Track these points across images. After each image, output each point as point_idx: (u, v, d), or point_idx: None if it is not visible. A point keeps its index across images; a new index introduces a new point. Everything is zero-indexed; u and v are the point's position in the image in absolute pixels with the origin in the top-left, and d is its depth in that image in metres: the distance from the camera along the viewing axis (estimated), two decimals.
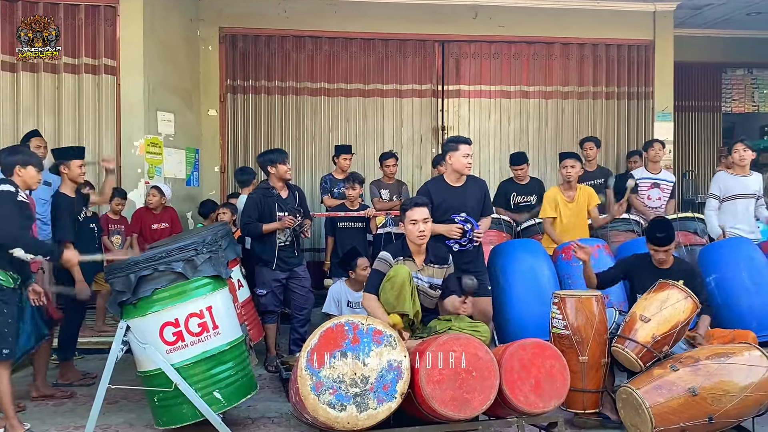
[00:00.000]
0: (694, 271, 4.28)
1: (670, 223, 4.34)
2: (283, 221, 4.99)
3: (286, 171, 5.12)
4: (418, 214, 3.93)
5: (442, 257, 4.08)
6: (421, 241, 3.93)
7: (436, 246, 4.15)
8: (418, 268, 3.95)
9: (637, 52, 7.95)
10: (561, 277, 5.17)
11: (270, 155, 5.23)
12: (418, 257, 4.00)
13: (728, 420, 3.67)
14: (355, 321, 3.09)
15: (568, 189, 5.57)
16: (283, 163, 5.10)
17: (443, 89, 7.82)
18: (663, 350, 3.83)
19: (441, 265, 4.06)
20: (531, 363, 3.23)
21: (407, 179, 7.62)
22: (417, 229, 3.91)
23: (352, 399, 2.99)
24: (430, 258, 4.03)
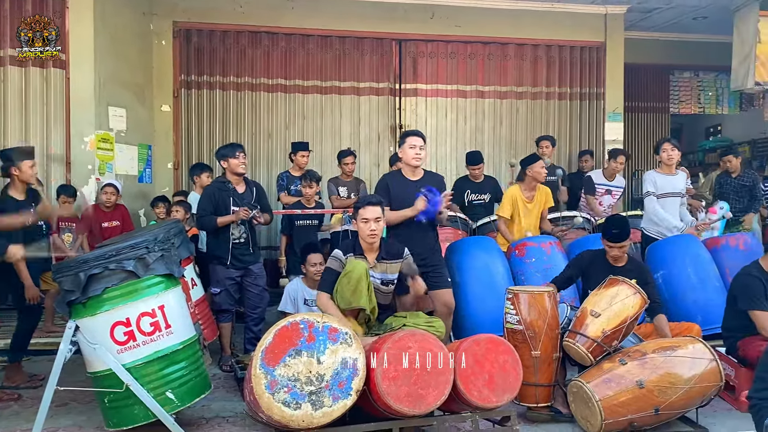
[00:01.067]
0: (646, 274, 4.40)
1: (626, 220, 4.46)
2: (237, 213, 4.92)
3: (237, 165, 5.03)
4: (370, 213, 3.94)
5: (395, 253, 4.09)
6: (372, 239, 3.94)
7: (389, 243, 4.18)
8: (370, 265, 3.96)
9: (589, 53, 8.13)
10: (515, 273, 5.27)
11: (222, 150, 5.17)
12: (370, 254, 4.01)
13: (673, 411, 3.80)
14: (311, 319, 3.08)
15: (528, 189, 5.64)
16: (234, 157, 5.02)
17: (400, 88, 7.85)
18: (612, 344, 3.94)
19: (395, 260, 4.07)
20: (485, 358, 3.27)
21: (365, 177, 7.62)
22: (368, 227, 3.93)
23: (307, 397, 2.99)
24: (382, 254, 4.04)
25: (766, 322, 3.98)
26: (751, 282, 4.14)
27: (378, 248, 4.04)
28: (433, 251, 4.65)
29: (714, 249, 5.33)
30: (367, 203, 4.02)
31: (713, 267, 5.14)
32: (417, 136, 4.59)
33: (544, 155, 6.92)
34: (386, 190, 4.59)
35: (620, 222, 4.42)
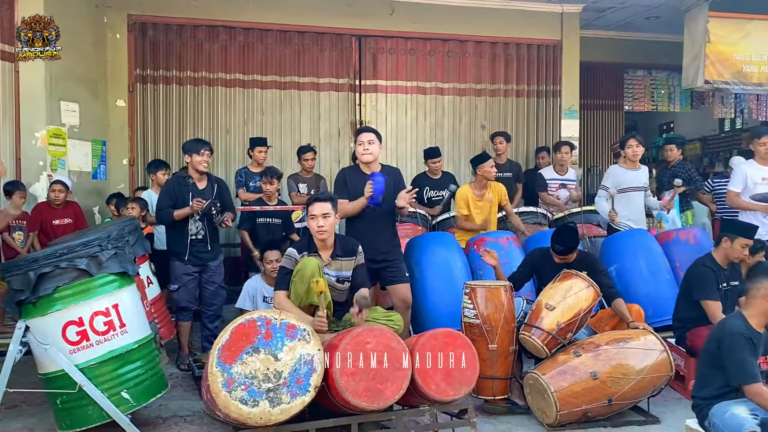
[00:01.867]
0: (596, 263, 4.50)
1: (573, 235, 4.44)
2: (191, 205, 4.86)
3: (198, 162, 4.98)
4: (317, 209, 3.92)
5: (349, 249, 4.08)
6: (321, 235, 3.91)
7: (343, 238, 4.17)
8: (325, 263, 3.94)
9: (546, 51, 8.26)
10: (473, 268, 5.32)
11: (186, 145, 5.13)
12: (324, 252, 3.98)
13: (626, 401, 3.91)
14: (268, 316, 3.07)
15: (479, 188, 5.71)
16: (197, 154, 4.97)
17: (360, 84, 7.84)
18: (567, 337, 4.03)
19: (349, 257, 4.05)
20: (442, 352, 3.30)
21: (325, 173, 7.59)
22: (316, 224, 3.91)
23: (265, 394, 2.97)
24: (336, 252, 4.02)
25: (716, 311, 4.11)
26: (705, 272, 4.28)
27: (332, 245, 4.02)
28: (391, 246, 4.68)
29: (665, 243, 5.48)
30: (315, 199, 4.00)
31: (664, 260, 5.29)
32: (366, 132, 4.61)
33: (498, 151, 7.03)
34: (344, 184, 4.61)
35: (566, 238, 4.40)
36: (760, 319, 3.22)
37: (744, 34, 7.52)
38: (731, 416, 3.04)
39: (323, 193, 4.21)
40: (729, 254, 4.27)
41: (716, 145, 11.69)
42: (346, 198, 4.54)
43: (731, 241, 4.25)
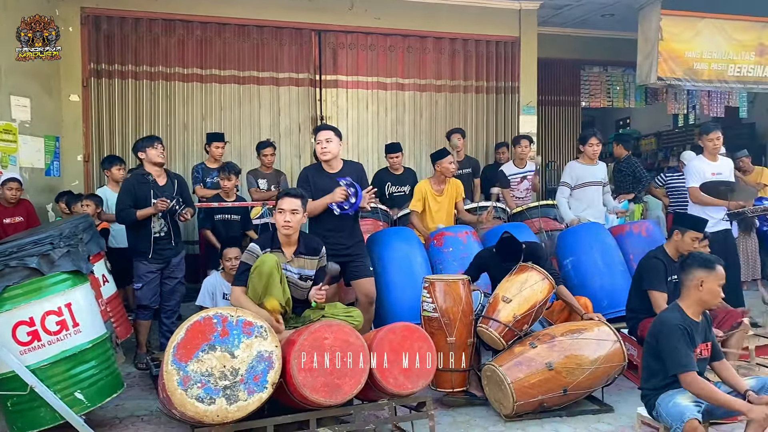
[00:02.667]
0: (540, 254, 4.56)
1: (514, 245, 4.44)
2: (155, 204, 4.80)
3: (156, 155, 4.94)
4: (287, 204, 3.89)
5: (313, 248, 4.07)
6: (286, 231, 3.89)
7: (308, 237, 4.16)
8: (287, 260, 3.92)
9: (504, 48, 8.34)
10: (433, 262, 5.38)
11: (139, 142, 5.05)
12: (287, 248, 3.96)
13: (581, 391, 4.00)
14: (224, 313, 3.05)
15: (438, 183, 5.75)
16: (152, 147, 4.92)
17: (321, 79, 7.80)
18: (523, 329, 4.10)
19: (312, 256, 4.04)
20: (400, 346, 3.33)
21: (286, 169, 7.56)
22: (282, 218, 3.88)
23: (222, 392, 2.95)
24: (300, 249, 4.00)
25: (661, 302, 4.23)
26: (655, 264, 4.40)
27: (296, 242, 4.00)
28: (355, 241, 4.71)
29: (619, 236, 5.61)
30: (286, 194, 3.98)
31: (618, 253, 5.42)
32: (324, 130, 4.62)
33: (456, 147, 7.10)
34: (307, 183, 4.61)
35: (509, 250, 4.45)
36: (695, 308, 3.32)
37: (695, 32, 7.74)
38: (674, 405, 3.14)
39: (296, 189, 4.12)
40: (680, 247, 4.39)
41: (671, 140, 12.00)
42: (309, 197, 4.56)
43: (682, 234, 4.38)
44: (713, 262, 3.29)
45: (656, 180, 7.81)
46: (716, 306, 3.38)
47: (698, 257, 3.39)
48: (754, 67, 7.92)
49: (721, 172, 5.88)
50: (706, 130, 5.93)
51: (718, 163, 5.90)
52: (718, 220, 5.77)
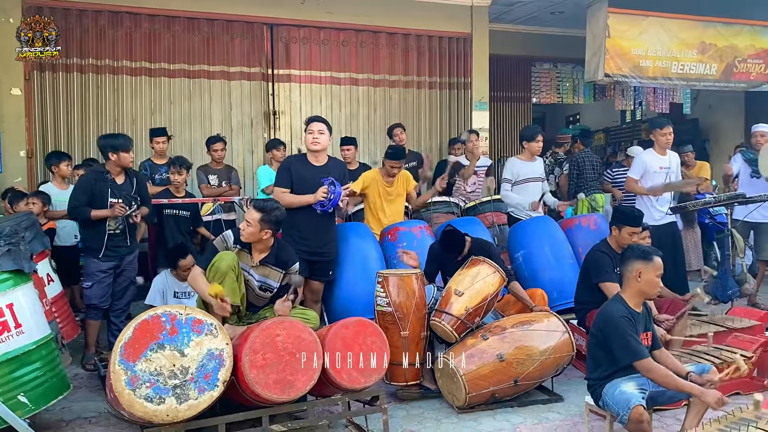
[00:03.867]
0: (489, 249, 4.63)
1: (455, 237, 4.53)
2: (113, 209, 4.70)
3: (129, 161, 4.91)
4: (250, 215, 3.80)
5: (284, 261, 3.96)
6: (244, 238, 3.82)
7: (284, 248, 4.04)
8: (251, 264, 3.85)
9: (457, 44, 8.41)
10: (387, 257, 5.39)
11: (114, 141, 4.92)
12: (256, 253, 3.88)
13: (531, 381, 4.08)
14: (173, 312, 2.99)
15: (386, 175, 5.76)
16: (126, 152, 4.85)
17: (273, 73, 7.72)
18: (475, 321, 4.15)
19: (280, 268, 3.94)
20: (353, 341, 3.33)
21: (238, 164, 7.47)
22: (242, 225, 3.85)
23: (171, 391, 2.90)
24: (269, 259, 3.91)
25: (615, 290, 4.33)
26: (600, 257, 4.50)
27: (268, 249, 3.91)
28: (328, 241, 4.77)
29: (568, 229, 5.74)
30: (254, 207, 3.84)
31: (567, 246, 5.54)
32: (317, 122, 4.65)
33: (401, 142, 7.13)
34: (288, 173, 4.61)
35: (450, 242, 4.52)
36: (636, 299, 3.41)
37: (641, 30, 7.94)
38: (620, 393, 3.22)
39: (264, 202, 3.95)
40: (619, 241, 4.50)
41: (618, 136, 12.31)
42: (289, 187, 4.58)
43: (619, 230, 4.49)
44: (651, 254, 3.38)
45: (604, 176, 8.03)
46: (654, 296, 3.47)
47: (636, 249, 3.48)
48: (696, 65, 8.18)
49: (669, 166, 6.06)
50: (659, 124, 6.07)
51: (667, 157, 6.09)
52: (664, 214, 5.95)
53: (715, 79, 8.34)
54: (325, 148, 4.67)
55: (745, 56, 8.39)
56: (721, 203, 5.95)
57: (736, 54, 8.34)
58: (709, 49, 8.21)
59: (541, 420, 3.90)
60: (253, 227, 3.78)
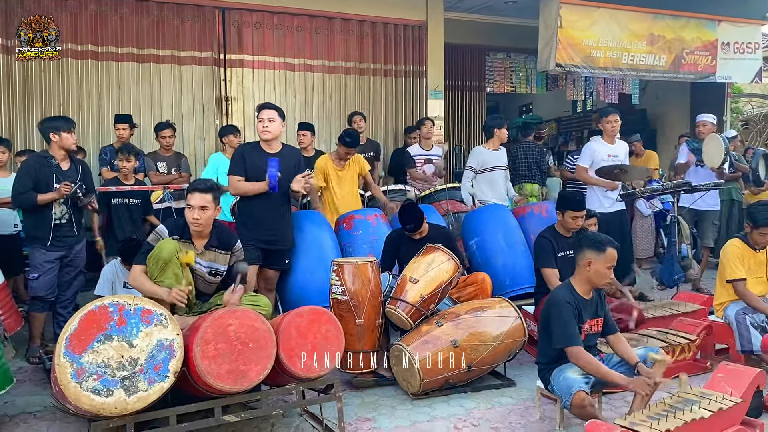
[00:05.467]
0: (449, 236, 4.68)
1: (415, 210, 4.61)
2: (59, 189, 4.56)
3: (72, 142, 4.73)
4: (195, 200, 3.66)
5: (227, 243, 3.87)
6: (196, 227, 3.71)
7: (223, 230, 3.96)
8: (197, 252, 3.74)
9: (412, 32, 8.39)
10: (343, 245, 5.37)
11: (54, 122, 4.75)
12: (198, 240, 3.77)
13: (484, 366, 4.13)
14: (121, 302, 2.90)
15: (338, 158, 5.74)
16: (68, 132, 4.68)
17: (225, 58, 7.57)
18: (430, 308, 4.18)
19: (224, 250, 3.86)
20: (308, 329, 3.30)
21: (189, 151, 7.31)
22: (191, 215, 3.67)
23: (120, 383, 2.82)
24: (212, 242, 3.81)
25: (552, 278, 4.45)
26: (542, 243, 4.62)
27: (209, 235, 3.80)
28: (284, 230, 4.72)
29: (521, 216, 5.82)
30: (194, 189, 3.72)
31: (520, 233, 5.62)
32: (267, 109, 4.58)
33: (361, 130, 7.11)
34: (241, 161, 4.54)
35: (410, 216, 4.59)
36: (585, 286, 3.48)
37: (592, 21, 8.07)
38: (564, 379, 3.30)
39: (205, 183, 3.84)
40: (565, 225, 4.63)
41: (570, 125, 12.53)
42: (243, 175, 4.52)
43: (563, 215, 4.62)
44: (604, 245, 3.43)
45: (564, 163, 8.22)
46: (603, 287, 3.54)
47: (591, 238, 3.54)
48: (646, 56, 8.36)
49: (617, 154, 6.21)
50: (604, 113, 6.23)
51: (615, 145, 6.23)
52: (613, 201, 6.10)
53: (664, 70, 8.54)
54: (277, 136, 4.60)
55: (693, 48, 8.62)
56: (667, 191, 6.12)
57: (684, 46, 8.56)
58: (658, 40, 8.41)
59: (494, 404, 3.95)
60: (210, 210, 3.70)
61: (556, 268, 4.47)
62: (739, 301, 4.53)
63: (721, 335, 4.63)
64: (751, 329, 4.31)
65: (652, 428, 2.91)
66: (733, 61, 8.84)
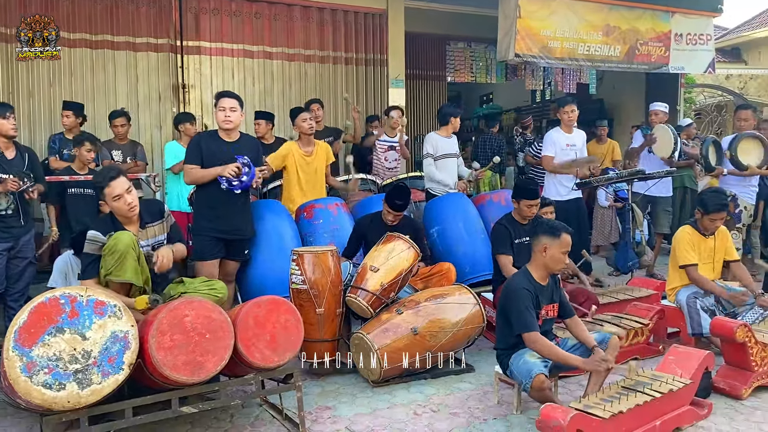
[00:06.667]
0: (419, 227, 4.73)
1: (407, 192, 4.73)
2: (4, 183, 4.43)
3: (8, 128, 4.60)
4: (119, 188, 3.57)
5: (156, 212, 3.83)
6: (131, 213, 3.64)
7: (147, 202, 3.92)
8: (135, 235, 3.63)
9: (372, 20, 8.34)
10: (303, 235, 5.35)
11: None
12: (131, 226, 3.69)
13: (444, 353, 4.16)
14: (73, 293, 2.83)
15: (306, 144, 5.69)
16: (4, 118, 4.56)
17: (182, 45, 7.42)
18: (390, 296, 4.20)
19: (158, 220, 3.81)
20: (266, 319, 3.27)
21: (146, 140, 7.16)
22: (124, 202, 3.58)
23: (73, 376, 2.76)
24: (145, 219, 3.75)
25: (506, 264, 4.53)
26: (499, 230, 4.71)
27: (138, 217, 3.73)
28: (245, 221, 4.68)
29: (480, 205, 5.88)
30: (110, 179, 3.59)
31: (479, 221, 5.68)
32: (227, 98, 4.51)
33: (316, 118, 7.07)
34: (198, 150, 4.47)
35: (404, 194, 4.70)
36: (541, 272, 3.55)
37: (550, 11, 8.15)
38: (524, 363, 3.36)
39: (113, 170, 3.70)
40: (521, 213, 4.72)
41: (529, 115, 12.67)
42: (199, 164, 4.44)
43: (518, 203, 4.71)
44: (559, 231, 3.50)
45: (528, 151, 8.35)
46: (558, 272, 3.61)
47: (546, 225, 3.61)
48: (601, 47, 8.49)
49: (575, 143, 6.32)
50: (562, 103, 6.35)
51: (573, 134, 6.34)
52: (569, 190, 6.21)
53: (618, 61, 8.69)
54: (237, 126, 4.55)
55: (647, 39, 8.79)
56: (622, 179, 6.25)
57: (638, 37, 8.72)
58: (613, 31, 8.54)
59: (454, 390, 3.99)
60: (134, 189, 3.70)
61: (511, 255, 4.56)
62: (689, 286, 4.67)
63: (673, 319, 4.76)
64: (701, 313, 4.45)
65: (605, 410, 2.99)
66: (686, 52, 9.05)
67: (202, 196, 4.57)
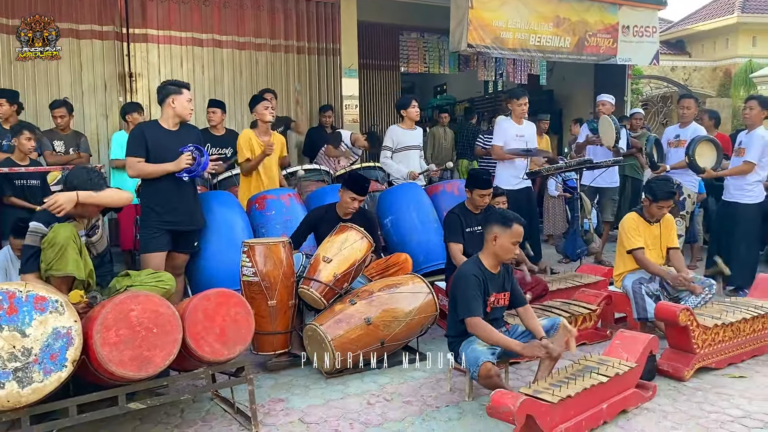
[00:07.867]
0: (372, 218, 4.72)
1: (365, 179, 4.74)
2: None
3: None
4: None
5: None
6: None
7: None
8: (84, 227, 3.57)
9: (324, 8, 8.28)
10: (255, 226, 5.28)
11: None
12: (79, 222, 3.58)
13: (398, 342, 4.18)
14: (11, 289, 2.72)
15: (263, 133, 5.62)
16: None
17: (128, 32, 7.21)
18: (344, 287, 4.18)
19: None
20: (216, 312, 3.22)
21: (91, 130, 6.95)
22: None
23: (12, 374, 2.66)
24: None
25: (456, 252, 4.58)
26: (451, 218, 4.75)
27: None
28: (194, 212, 4.58)
29: (434, 195, 5.92)
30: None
31: (433, 211, 5.71)
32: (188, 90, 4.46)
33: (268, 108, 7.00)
34: (142, 141, 4.32)
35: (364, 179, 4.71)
36: (492, 260, 3.59)
37: (502, 2, 8.19)
38: (472, 350, 3.41)
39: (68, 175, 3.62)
40: (474, 202, 4.76)
41: (482, 106, 12.79)
42: (143, 156, 4.31)
43: (471, 192, 4.75)
44: (510, 221, 3.54)
45: (476, 142, 8.43)
46: (508, 261, 3.65)
47: (498, 214, 3.65)
48: (551, 38, 8.60)
49: (524, 134, 6.40)
50: (516, 95, 6.41)
51: (523, 126, 6.43)
52: (520, 179, 6.29)
53: (568, 52, 8.82)
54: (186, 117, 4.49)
55: (595, 31, 8.94)
56: (571, 168, 6.37)
57: (587, 28, 8.86)
58: (563, 22, 8.66)
59: (407, 379, 4.01)
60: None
61: (461, 243, 4.61)
62: (635, 272, 4.79)
63: (620, 304, 4.89)
64: (646, 298, 4.58)
65: (554, 395, 3.05)
66: (633, 44, 9.24)
67: (150, 188, 4.44)
